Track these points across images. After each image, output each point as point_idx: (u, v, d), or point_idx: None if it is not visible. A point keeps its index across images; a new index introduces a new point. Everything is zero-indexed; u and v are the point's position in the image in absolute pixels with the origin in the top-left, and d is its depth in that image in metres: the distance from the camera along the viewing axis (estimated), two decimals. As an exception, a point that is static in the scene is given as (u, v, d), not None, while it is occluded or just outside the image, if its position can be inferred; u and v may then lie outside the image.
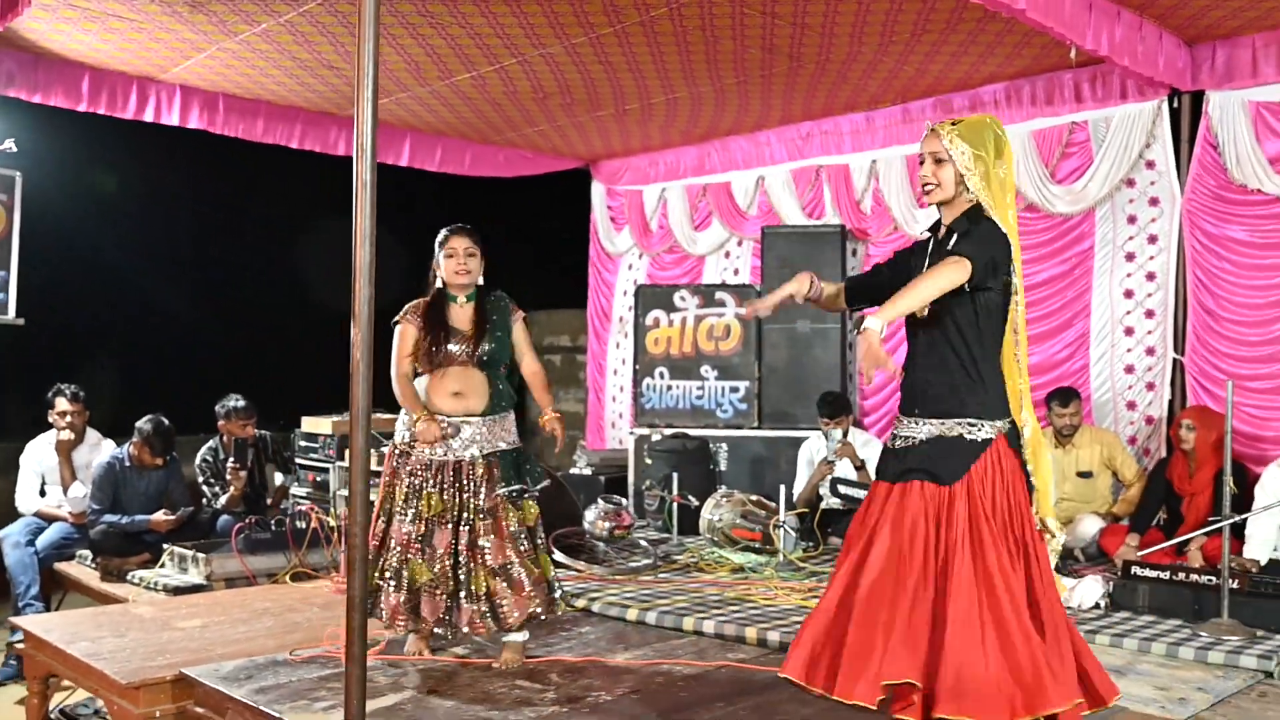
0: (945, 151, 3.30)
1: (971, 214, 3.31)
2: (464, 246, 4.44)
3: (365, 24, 2.83)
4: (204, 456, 6.94)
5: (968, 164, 3.26)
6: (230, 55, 7.14)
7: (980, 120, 3.35)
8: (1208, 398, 6.59)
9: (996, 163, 3.29)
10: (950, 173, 3.30)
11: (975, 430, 3.23)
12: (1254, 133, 6.45)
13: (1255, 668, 4.26)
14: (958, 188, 3.31)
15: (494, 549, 4.22)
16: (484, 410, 4.35)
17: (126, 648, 4.37)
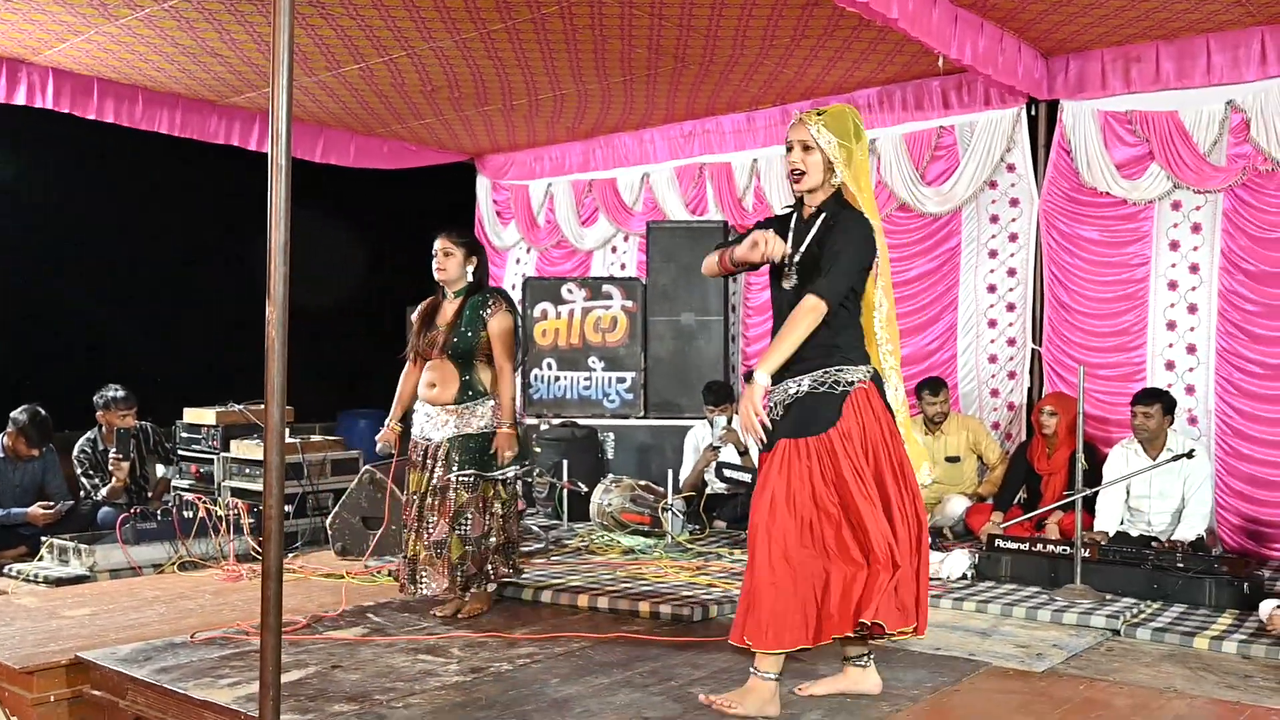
0: (813, 140, 3.46)
1: (838, 200, 3.50)
2: (440, 247, 4.82)
3: (280, 13, 2.94)
4: (83, 448, 6.80)
5: (835, 152, 3.44)
6: (109, 39, 6.97)
7: (841, 110, 3.52)
8: (1063, 385, 7.04)
9: (857, 148, 3.48)
10: (818, 159, 3.47)
11: (843, 374, 3.44)
12: (1103, 140, 6.95)
13: (1104, 626, 4.64)
14: (825, 174, 3.48)
15: (434, 525, 4.69)
16: (454, 400, 4.71)
17: (14, 635, 4.31)
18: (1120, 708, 3.57)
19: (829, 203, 3.50)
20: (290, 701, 3.32)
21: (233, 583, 5.46)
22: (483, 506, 4.69)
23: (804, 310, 3.38)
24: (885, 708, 3.52)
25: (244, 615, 4.61)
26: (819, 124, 3.46)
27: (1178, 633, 4.48)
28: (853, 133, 3.47)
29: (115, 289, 9.73)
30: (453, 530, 4.65)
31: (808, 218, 3.55)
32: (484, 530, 4.68)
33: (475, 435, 4.70)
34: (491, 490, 4.72)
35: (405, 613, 4.82)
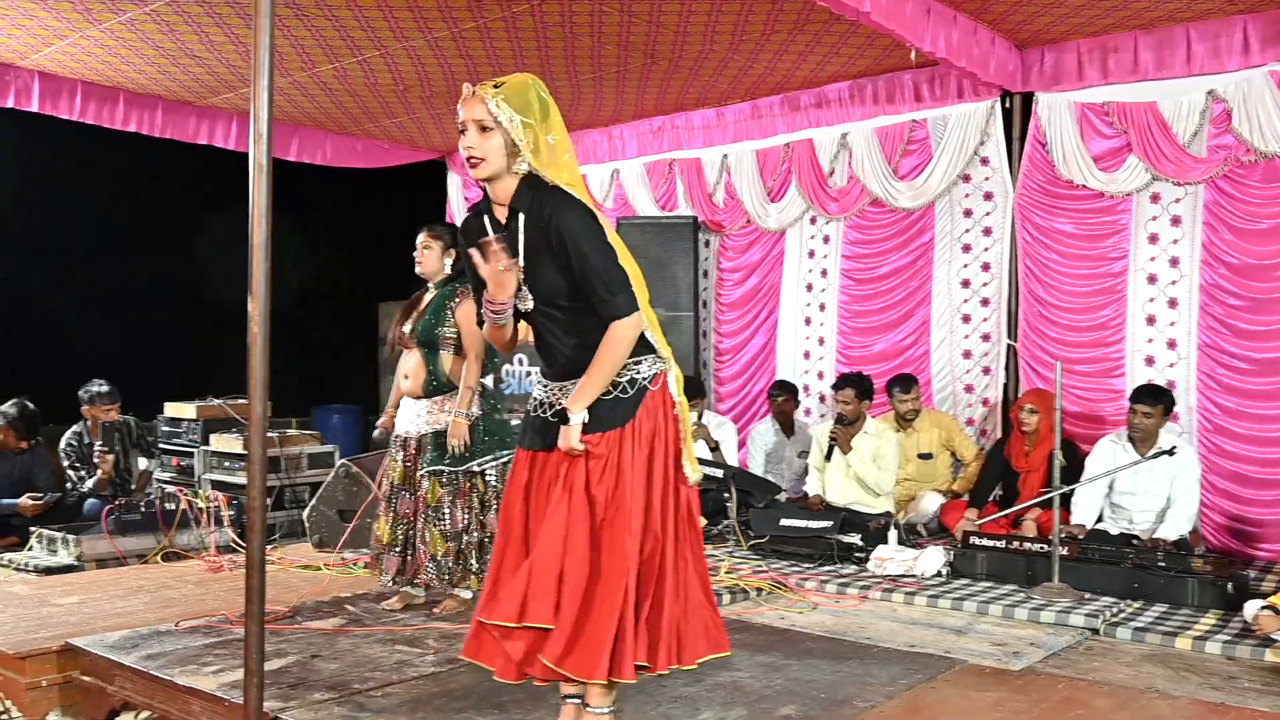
0: (491, 118, 2.89)
1: (531, 186, 2.95)
2: (420, 240, 4.84)
3: (262, 14, 2.96)
4: (69, 441, 6.94)
5: (519, 133, 2.88)
6: (92, 43, 7.06)
7: (523, 81, 2.94)
8: (1040, 381, 6.99)
9: (543, 127, 2.91)
10: (498, 142, 2.90)
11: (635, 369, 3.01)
12: (1079, 132, 6.89)
13: (1083, 625, 4.58)
14: (505, 158, 2.92)
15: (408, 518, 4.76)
16: (422, 392, 4.73)
17: (7, 622, 4.41)
18: (1100, 707, 3.51)
19: (521, 194, 2.96)
20: (272, 689, 3.36)
21: (214, 573, 5.59)
22: (462, 502, 4.66)
23: (618, 339, 2.93)
24: (859, 704, 3.47)
25: (226, 604, 4.73)
26: (498, 98, 2.87)
27: (1159, 633, 4.42)
28: (536, 109, 2.90)
29: (94, 286, 9.97)
30: (430, 524, 4.63)
31: (506, 221, 3.01)
32: (463, 524, 4.65)
33: (444, 430, 4.66)
34: (468, 484, 4.66)
35: (381, 604, 4.83)
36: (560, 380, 3.07)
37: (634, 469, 2.96)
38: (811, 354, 8.26)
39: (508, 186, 2.98)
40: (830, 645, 4.22)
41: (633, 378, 3.01)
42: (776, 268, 8.43)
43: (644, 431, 3.01)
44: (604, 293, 2.91)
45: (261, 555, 3.05)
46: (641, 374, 3.03)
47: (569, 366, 3.04)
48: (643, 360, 3.03)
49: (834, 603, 5.02)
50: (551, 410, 3.06)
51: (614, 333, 2.92)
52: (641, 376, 3.03)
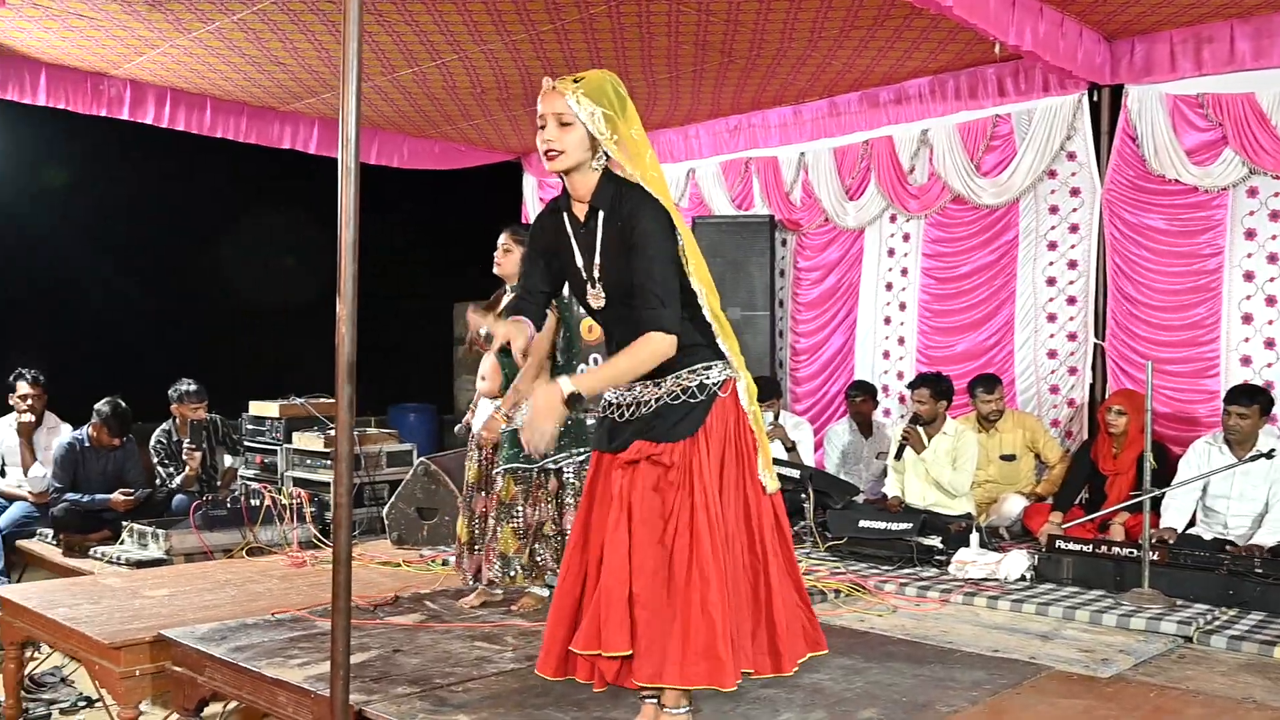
0: (571, 113, 2.89)
1: (613, 183, 2.96)
2: (502, 242, 4.85)
3: (350, 22, 2.99)
4: (158, 438, 7.10)
5: (600, 127, 2.89)
6: (181, 52, 7.23)
7: (601, 76, 2.94)
8: (1128, 381, 6.83)
9: (623, 121, 2.92)
10: (577, 136, 2.90)
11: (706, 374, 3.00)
12: (1171, 125, 6.70)
13: (1175, 633, 4.43)
14: (585, 152, 2.93)
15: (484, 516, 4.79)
16: (500, 392, 4.78)
17: (103, 613, 4.51)
18: (1193, 717, 3.40)
19: (603, 194, 2.96)
20: (356, 682, 3.40)
21: (297, 568, 5.70)
22: (535, 499, 4.66)
23: (652, 349, 2.88)
24: (942, 709, 3.40)
25: (309, 599, 4.81)
26: (578, 93, 2.88)
27: (1256, 641, 4.26)
28: (615, 102, 2.90)
29: (183, 290, 10.36)
30: (502, 522, 4.64)
31: (585, 218, 3.02)
32: (536, 522, 4.65)
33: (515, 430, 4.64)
34: (541, 481, 4.67)
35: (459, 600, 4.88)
36: (631, 383, 3.04)
37: (706, 477, 2.93)
38: (891, 354, 8.16)
39: (588, 182, 2.97)
40: (911, 649, 4.15)
41: (702, 383, 3.00)
42: (855, 266, 8.33)
43: (714, 439, 2.98)
44: (654, 301, 2.88)
45: (348, 551, 3.09)
46: (711, 379, 3.01)
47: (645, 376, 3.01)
48: (712, 366, 3.02)
49: (914, 606, 4.93)
50: (618, 411, 3.07)
51: (651, 341, 2.88)
52: (711, 382, 3.01)
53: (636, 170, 2.93)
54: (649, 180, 2.94)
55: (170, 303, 10.37)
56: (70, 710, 5.36)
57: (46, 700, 5.39)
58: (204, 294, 10.33)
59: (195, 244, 10.28)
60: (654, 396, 3.01)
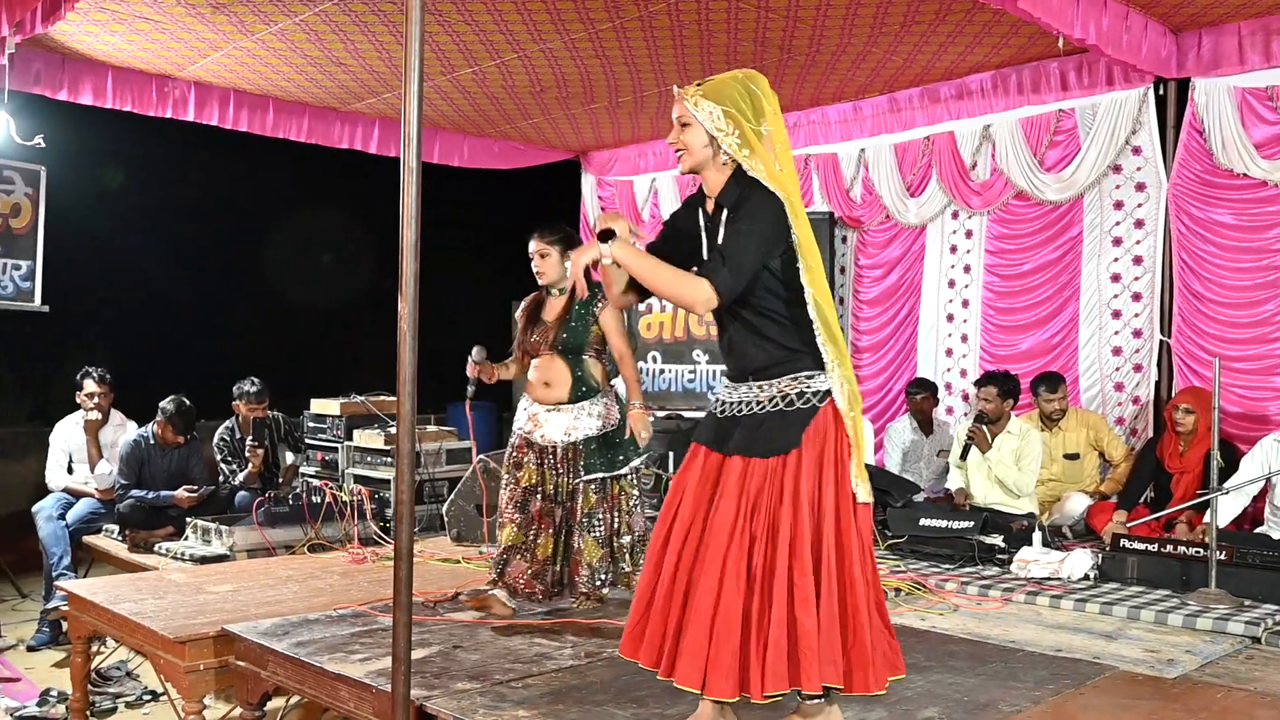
0: (689, 115, 3.04)
1: (739, 182, 3.05)
2: (535, 249, 4.72)
3: (412, 23, 3.02)
4: (221, 436, 7.21)
5: (719, 124, 3.00)
6: (244, 53, 7.34)
7: (729, 77, 3.06)
8: (1194, 378, 6.71)
9: (756, 121, 3.01)
10: (698, 136, 3.04)
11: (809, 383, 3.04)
12: (1240, 118, 6.57)
13: (1243, 634, 4.36)
14: (706, 150, 3.05)
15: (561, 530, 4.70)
16: (569, 399, 4.64)
17: (168, 608, 4.57)
18: (1261, 719, 3.35)
19: (729, 189, 3.07)
20: (417, 678, 3.43)
21: (358, 564, 5.73)
22: (611, 505, 4.62)
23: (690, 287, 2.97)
24: (1004, 708, 3.38)
25: (369, 595, 4.85)
26: (696, 96, 3.02)
27: (1327, 642, 4.20)
28: (744, 99, 3.01)
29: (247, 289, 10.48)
30: (587, 532, 4.57)
31: (713, 210, 3.13)
32: (614, 529, 4.62)
33: (596, 436, 4.61)
34: (617, 488, 4.64)
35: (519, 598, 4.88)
36: (737, 381, 3.14)
37: (802, 492, 2.97)
38: (954, 351, 8.09)
39: (717, 179, 3.09)
40: (973, 648, 4.12)
41: (802, 391, 3.04)
42: (917, 264, 8.27)
43: (812, 452, 3.00)
44: (721, 262, 2.96)
45: (409, 546, 3.12)
46: (813, 389, 3.05)
47: (747, 366, 3.10)
48: (815, 375, 3.05)
49: (976, 605, 4.90)
50: (724, 408, 3.14)
51: (696, 284, 2.96)
52: (812, 392, 3.04)
53: (760, 163, 3.00)
54: (773, 175, 3.00)
55: (234, 301, 10.54)
56: (136, 704, 5.47)
57: (113, 694, 5.51)
58: (267, 293, 10.48)
59: (258, 243, 10.44)
60: (756, 400, 3.07)
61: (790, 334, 3.05)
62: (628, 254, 3.04)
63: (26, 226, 7.84)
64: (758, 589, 2.93)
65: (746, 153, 3.00)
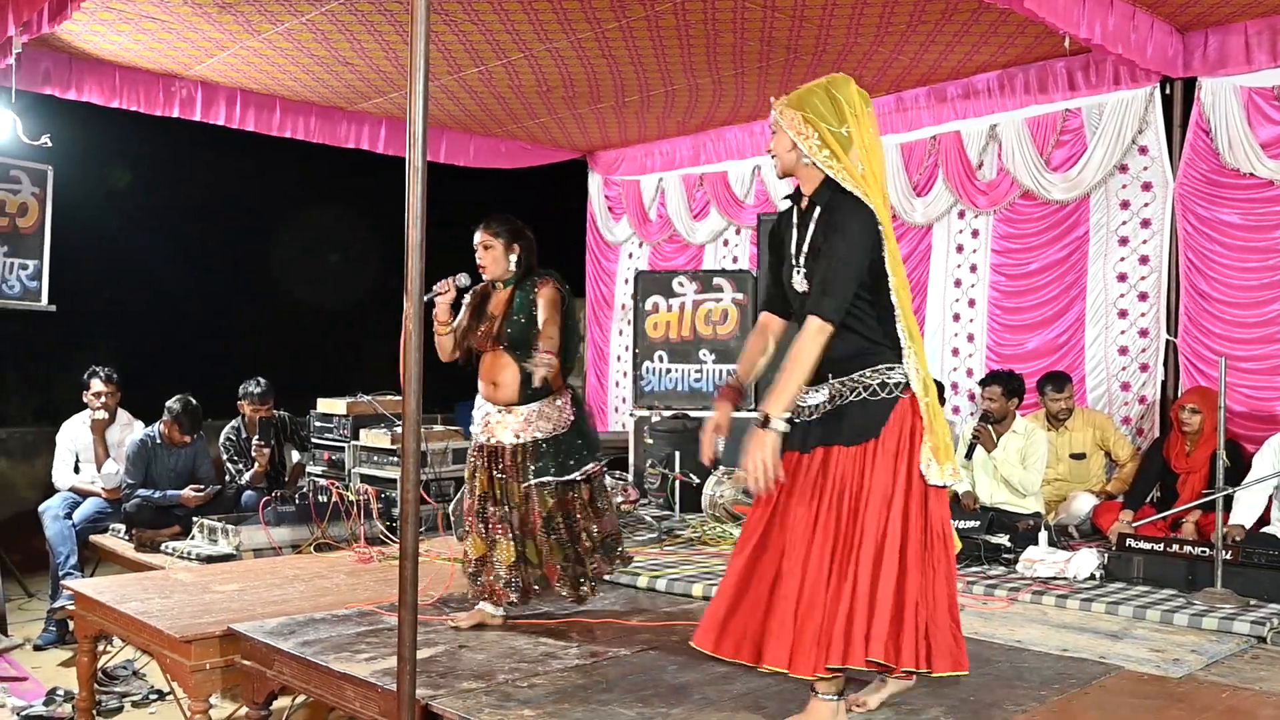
0: (776, 123, 3.26)
1: (830, 186, 3.18)
2: (479, 240, 4.54)
3: (418, 22, 3.03)
4: (227, 435, 7.21)
5: (799, 129, 3.18)
6: (251, 53, 7.36)
7: (814, 84, 3.21)
8: (1201, 378, 6.71)
9: (838, 124, 3.15)
10: (783, 142, 3.24)
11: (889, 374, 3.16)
12: (1246, 118, 6.57)
13: (1248, 633, 4.36)
14: (792, 154, 3.23)
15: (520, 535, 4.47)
16: (518, 399, 4.39)
17: (174, 607, 4.57)
18: (1266, 718, 3.36)
19: (821, 191, 3.21)
20: (422, 677, 3.44)
21: (364, 564, 5.73)
22: (569, 509, 4.41)
23: (808, 338, 3.09)
24: (1010, 708, 3.38)
25: (376, 594, 4.86)
26: (781, 105, 3.23)
27: (1331, 641, 4.19)
28: (824, 105, 3.15)
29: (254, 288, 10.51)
30: (549, 536, 4.38)
31: (805, 209, 3.28)
32: (574, 534, 4.43)
33: (546, 438, 4.37)
34: (571, 492, 4.41)
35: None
36: (817, 383, 3.20)
37: (882, 481, 3.09)
38: (960, 351, 8.08)
39: (809, 180, 3.25)
40: (978, 648, 4.11)
41: (884, 381, 3.15)
42: (923, 263, 8.27)
43: (892, 442, 3.12)
44: (819, 290, 3.11)
45: (415, 546, 3.13)
46: (893, 380, 3.16)
47: (832, 355, 3.16)
48: (895, 368, 3.16)
49: (981, 604, 4.89)
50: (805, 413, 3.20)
51: (807, 329, 3.10)
52: (894, 383, 3.15)
53: (840, 164, 3.15)
54: (854, 176, 3.15)
55: (240, 301, 10.56)
56: (142, 703, 5.48)
57: (119, 693, 5.51)
58: (273, 292, 10.51)
59: (264, 243, 10.46)
60: (839, 393, 3.18)
61: (873, 324, 3.18)
62: (778, 403, 3.06)
63: (33, 226, 7.85)
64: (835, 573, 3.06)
65: (825, 154, 3.15)
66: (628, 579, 5.17)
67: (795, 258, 3.27)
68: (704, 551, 6.04)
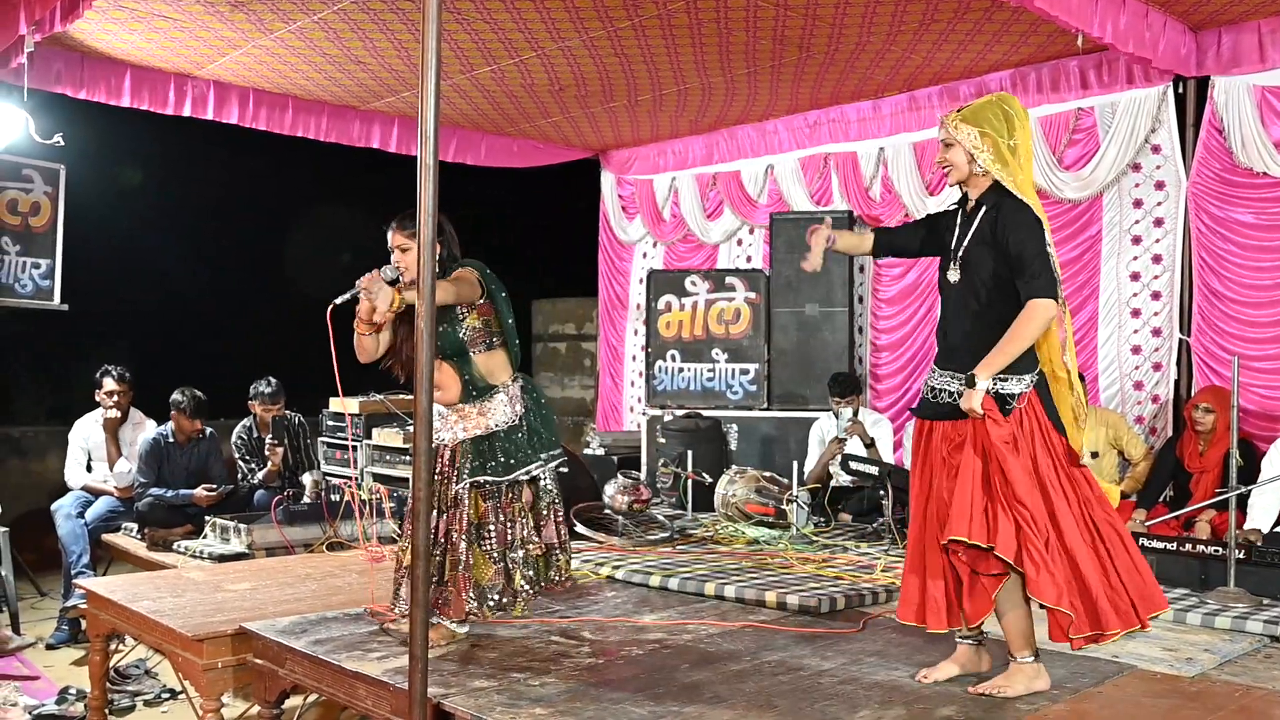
0: (952, 137, 3.61)
1: (997, 190, 3.58)
2: (393, 242, 4.25)
3: (430, 21, 3.02)
4: (239, 434, 7.23)
5: (975, 143, 3.55)
6: (264, 52, 7.36)
7: (986, 101, 3.62)
8: (1214, 377, 6.68)
9: (1009, 136, 3.54)
10: (959, 154, 3.61)
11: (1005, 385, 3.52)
12: (1260, 117, 6.53)
13: (1261, 632, 4.34)
14: (970, 165, 3.60)
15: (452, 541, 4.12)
16: (459, 399, 4.10)
17: (186, 606, 4.57)
18: (1280, 717, 3.35)
19: (989, 194, 3.61)
20: (434, 676, 3.43)
21: (376, 563, 5.68)
22: (505, 515, 4.09)
23: (1033, 314, 3.45)
24: (1022, 707, 3.37)
25: (387, 593, 4.74)
26: (956, 120, 3.60)
27: (1345, 640, 4.17)
28: (1000, 121, 3.55)
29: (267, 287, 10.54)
30: (475, 545, 4.03)
31: (970, 210, 3.68)
32: (508, 542, 4.09)
33: (484, 435, 4.06)
34: (510, 494, 4.10)
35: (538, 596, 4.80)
36: (942, 366, 3.66)
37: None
38: (972, 349, 8.05)
39: (978, 186, 3.63)
40: (991, 646, 4.10)
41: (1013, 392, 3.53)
42: (935, 262, 8.22)
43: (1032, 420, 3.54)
44: (1029, 275, 3.45)
45: (427, 545, 3.12)
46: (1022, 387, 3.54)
47: (953, 352, 3.63)
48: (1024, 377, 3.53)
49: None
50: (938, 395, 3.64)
51: (1031, 308, 3.44)
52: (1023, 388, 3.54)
53: (1009, 174, 3.53)
54: (1018, 184, 3.53)
55: (252, 300, 10.57)
56: (154, 702, 5.49)
57: (131, 692, 5.53)
58: (285, 291, 10.54)
59: (277, 242, 10.49)
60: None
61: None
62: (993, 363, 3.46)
63: (46, 225, 7.88)
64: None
65: (999, 167, 3.53)
66: (639, 578, 5.18)
67: (955, 250, 3.66)
68: (716, 551, 6.02)
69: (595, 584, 5.20)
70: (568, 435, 11.04)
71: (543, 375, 11.98)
